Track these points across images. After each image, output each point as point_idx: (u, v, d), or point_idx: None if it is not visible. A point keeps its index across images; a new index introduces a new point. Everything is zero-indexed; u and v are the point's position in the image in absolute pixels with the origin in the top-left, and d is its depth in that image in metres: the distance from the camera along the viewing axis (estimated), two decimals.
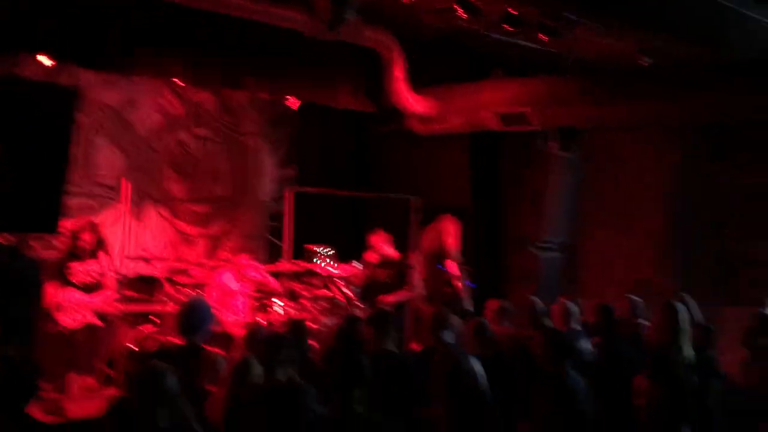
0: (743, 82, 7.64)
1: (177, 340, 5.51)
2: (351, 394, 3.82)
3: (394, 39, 8.63)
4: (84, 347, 7.39)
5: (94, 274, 7.74)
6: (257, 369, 4.55)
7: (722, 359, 6.83)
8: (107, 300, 7.77)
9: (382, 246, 9.37)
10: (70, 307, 7.43)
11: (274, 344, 4.49)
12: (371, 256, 9.46)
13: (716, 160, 10.03)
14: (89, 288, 7.65)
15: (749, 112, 7.81)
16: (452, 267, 9.50)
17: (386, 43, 8.59)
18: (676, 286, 9.89)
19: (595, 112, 8.54)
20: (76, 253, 7.60)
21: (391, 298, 8.86)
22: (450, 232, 9.60)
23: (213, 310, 5.84)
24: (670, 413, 6.34)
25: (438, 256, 9.54)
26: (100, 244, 7.86)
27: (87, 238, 7.66)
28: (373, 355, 5.29)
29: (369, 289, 9.26)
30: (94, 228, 7.81)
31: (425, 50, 9.41)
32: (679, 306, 6.55)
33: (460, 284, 9.43)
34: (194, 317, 5.40)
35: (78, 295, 7.46)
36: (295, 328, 5.33)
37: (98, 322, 7.71)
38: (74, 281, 7.51)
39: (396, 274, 9.16)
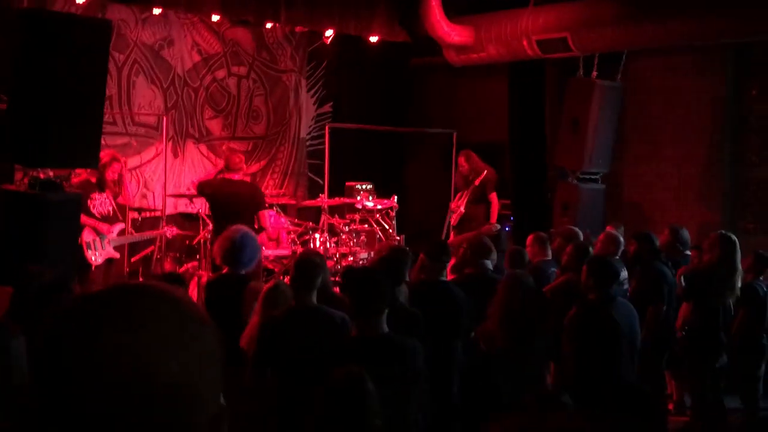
0: None
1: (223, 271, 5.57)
2: (378, 317, 3.83)
3: None
4: (105, 281, 7.54)
5: (113, 205, 7.88)
6: (288, 293, 4.59)
7: None
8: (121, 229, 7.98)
9: None
10: (94, 244, 7.61)
11: (302, 268, 4.51)
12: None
13: (758, 88, 9.77)
14: (107, 219, 7.81)
15: None
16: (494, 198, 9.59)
17: None
18: (720, 215, 9.74)
19: (635, 34, 8.31)
20: (99, 185, 7.75)
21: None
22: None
23: (257, 244, 5.89)
24: (706, 340, 6.33)
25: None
26: (120, 179, 7.99)
27: (111, 171, 7.80)
28: (423, 284, 5.36)
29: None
30: (116, 161, 7.94)
31: None
32: (737, 242, 6.49)
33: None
34: (240, 249, 5.46)
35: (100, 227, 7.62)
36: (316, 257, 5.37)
37: (115, 254, 7.91)
38: (94, 212, 7.66)
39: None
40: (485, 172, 9.58)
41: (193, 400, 1.05)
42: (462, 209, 9.65)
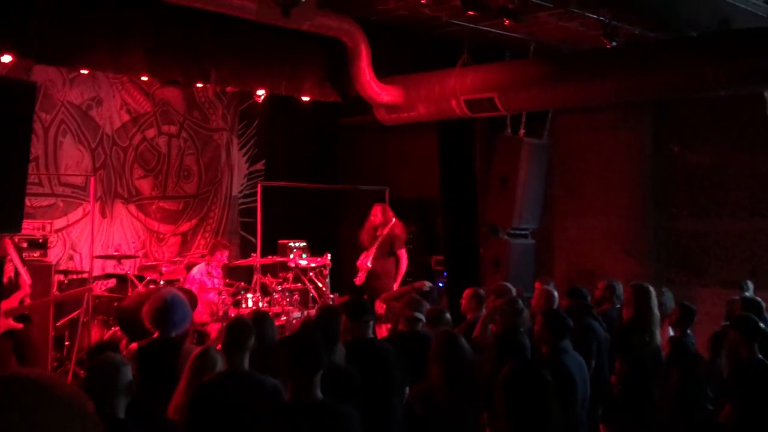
0: (698, 55, 7.73)
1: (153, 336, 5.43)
2: (311, 380, 3.77)
3: (357, 27, 8.58)
4: (6, 353, 7.09)
5: (19, 270, 7.49)
6: (217, 358, 4.49)
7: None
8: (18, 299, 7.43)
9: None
10: None
11: (234, 332, 4.43)
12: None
13: (679, 143, 10.13)
14: (9, 287, 7.22)
15: (699, 88, 7.93)
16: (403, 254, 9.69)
17: (350, 32, 8.54)
18: (647, 267, 9.97)
19: (560, 93, 8.55)
20: None
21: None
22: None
23: (187, 306, 5.78)
24: (636, 391, 6.42)
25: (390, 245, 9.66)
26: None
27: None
28: (352, 343, 5.30)
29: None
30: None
31: (390, 38, 9.39)
32: (649, 288, 6.60)
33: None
34: (170, 310, 5.33)
35: None
36: (257, 317, 5.28)
37: (17, 325, 7.28)
38: None
39: None
40: (391, 223, 9.61)
41: None
42: (369, 265, 9.65)
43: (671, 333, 7.11)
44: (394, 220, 9.71)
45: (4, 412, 1.01)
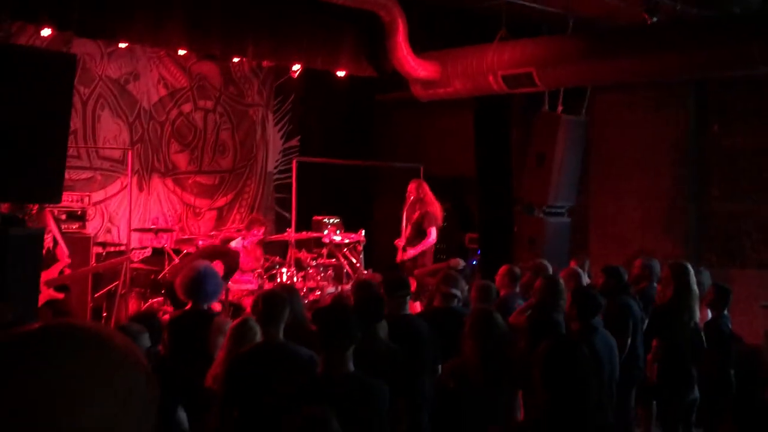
0: (742, 32, 7.55)
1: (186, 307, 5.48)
2: (343, 354, 3.78)
3: (394, 1, 8.53)
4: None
5: (59, 240, 7.62)
6: (256, 329, 4.53)
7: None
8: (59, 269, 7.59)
9: None
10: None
11: (269, 303, 4.45)
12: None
13: (720, 123, 9.95)
14: (47, 258, 7.36)
15: (744, 65, 7.74)
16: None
17: (386, 6, 8.49)
18: (683, 249, 9.85)
19: (599, 69, 8.44)
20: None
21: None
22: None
23: (219, 278, 5.82)
24: (675, 373, 6.34)
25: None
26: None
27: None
28: (387, 319, 5.29)
29: None
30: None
31: (427, 13, 9.32)
32: (688, 266, 6.51)
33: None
34: (201, 283, 5.38)
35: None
36: (287, 291, 5.31)
37: (58, 295, 7.53)
38: None
39: None
40: (425, 199, 9.48)
41: None
42: (401, 243, 9.61)
43: (709, 313, 7.03)
44: (427, 197, 9.59)
45: (56, 359, 1.01)
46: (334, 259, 9.97)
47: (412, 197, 9.68)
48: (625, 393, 6.64)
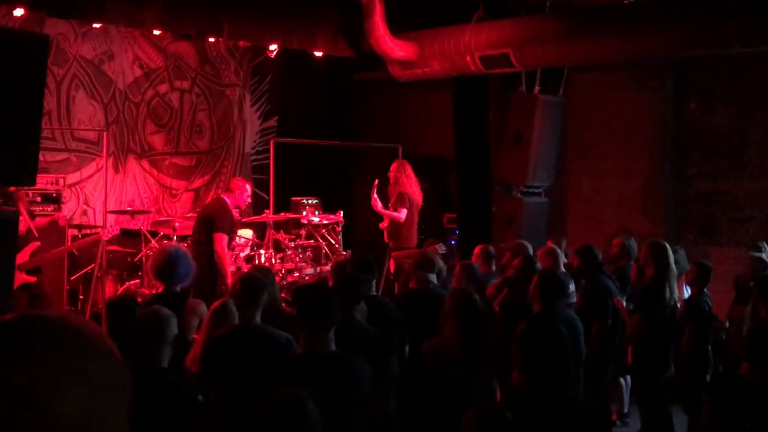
0: (719, 11, 7.56)
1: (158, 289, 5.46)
2: (324, 334, 3.78)
3: None
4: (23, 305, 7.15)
5: (29, 223, 7.56)
6: (235, 312, 4.52)
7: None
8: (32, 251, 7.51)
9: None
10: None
11: (247, 286, 4.44)
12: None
13: (698, 103, 10.00)
14: (20, 240, 7.37)
15: (720, 45, 7.76)
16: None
17: None
18: (661, 227, 9.92)
19: (576, 49, 8.44)
20: (10, 203, 7.41)
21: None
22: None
23: (191, 259, 5.78)
24: (652, 351, 6.40)
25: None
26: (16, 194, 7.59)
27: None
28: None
29: None
30: None
31: None
32: (667, 245, 6.56)
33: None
34: (173, 266, 5.35)
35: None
36: (262, 273, 5.30)
37: (30, 278, 7.41)
38: None
39: None
40: (403, 180, 9.49)
41: None
42: (383, 225, 9.65)
43: (687, 292, 7.09)
44: (402, 178, 9.57)
45: (27, 352, 0.99)
46: (312, 241, 9.95)
47: (391, 178, 9.68)
48: (601, 370, 6.71)
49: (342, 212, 10.12)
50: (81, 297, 8.75)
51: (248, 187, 8.29)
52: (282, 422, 2.87)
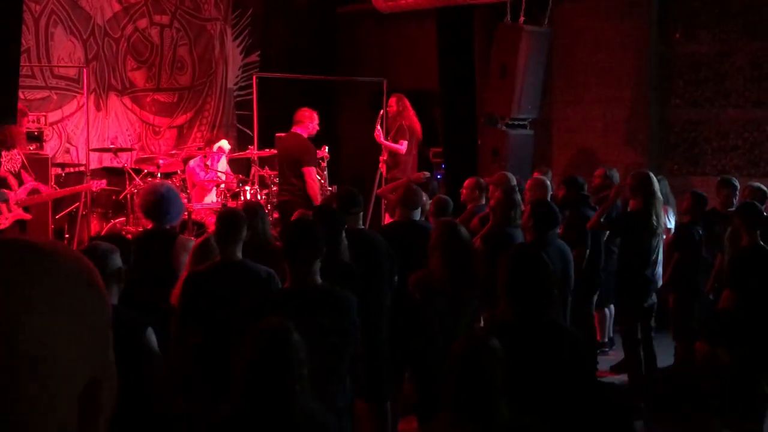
0: None
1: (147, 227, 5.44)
2: (310, 267, 3.80)
3: None
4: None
5: (24, 162, 7.60)
6: (217, 248, 4.51)
7: None
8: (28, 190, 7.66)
9: None
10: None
11: (226, 223, 4.43)
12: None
13: (683, 31, 9.93)
14: (17, 177, 7.56)
15: None
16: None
17: None
18: (645, 157, 9.95)
19: None
20: (6, 143, 7.50)
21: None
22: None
23: (181, 199, 5.76)
24: (640, 278, 6.48)
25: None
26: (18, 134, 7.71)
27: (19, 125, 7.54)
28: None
29: None
30: (24, 115, 7.73)
31: None
32: (651, 175, 6.60)
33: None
34: (163, 205, 5.32)
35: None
36: (248, 209, 5.28)
37: (26, 215, 7.57)
38: (1, 171, 7.44)
39: None
40: (403, 113, 9.50)
41: (59, 367, 0.97)
42: (382, 158, 9.67)
43: (669, 221, 7.15)
44: (405, 111, 9.56)
45: (11, 270, 0.98)
46: None
47: (391, 111, 9.65)
48: (586, 300, 6.81)
49: (327, 147, 10.06)
50: (66, 236, 8.74)
51: (315, 114, 8.23)
52: (266, 353, 2.87)
